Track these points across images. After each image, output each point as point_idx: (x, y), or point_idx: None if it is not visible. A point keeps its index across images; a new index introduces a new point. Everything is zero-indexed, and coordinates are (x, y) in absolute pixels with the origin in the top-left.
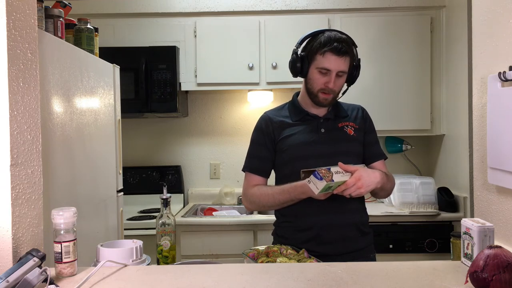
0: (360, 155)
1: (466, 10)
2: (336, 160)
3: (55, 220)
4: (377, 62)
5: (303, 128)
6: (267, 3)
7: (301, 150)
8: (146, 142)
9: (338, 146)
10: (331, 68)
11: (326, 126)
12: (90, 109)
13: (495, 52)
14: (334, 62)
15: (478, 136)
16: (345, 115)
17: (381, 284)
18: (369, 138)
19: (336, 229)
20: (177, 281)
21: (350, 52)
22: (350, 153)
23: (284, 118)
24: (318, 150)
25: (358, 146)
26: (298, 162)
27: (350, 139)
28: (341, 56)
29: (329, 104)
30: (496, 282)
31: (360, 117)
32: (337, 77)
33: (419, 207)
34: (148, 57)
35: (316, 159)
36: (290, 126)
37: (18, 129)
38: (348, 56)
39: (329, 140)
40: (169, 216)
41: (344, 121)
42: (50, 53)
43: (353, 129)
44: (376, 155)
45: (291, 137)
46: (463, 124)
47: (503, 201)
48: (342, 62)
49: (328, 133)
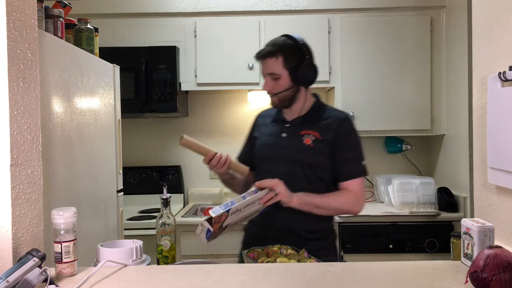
0: (314, 166)
1: (466, 10)
2: (286, 167)
3: (55, 220)
4: (377, 62)
5: (271, 130)
6: (267, 3)
7: (261, 151)
8: (146, 142)
9: (290, 154)
10: (263, 71)
11: (289, 131)
12: (90, 109)
13: (495, 52)
14: (263, 66)
15: (478, 136)
16: (314, 123)
17: (381, 284)
18: (339, 157)
19: (272, 230)
20: (177, 281)
21: (278, 53)
22: (299, 162)
23: (267, 118)
24: (274, 154)
25: (312, 157)
26: (258, 162)
27: (303, 149)
28: (265, 59)
29: (280, 107)
30: (496, 282)
31: (332, 130)
32: (272, 80)
33: (419, 207)
34: (148, 57)
35: (270, 162)
36: (266, 126)
37: (18, 129)
38: (273, 57)
39: (286, 145)
40: (169, 216)
41: (308, 129)
42: (50, 53)
43: (313, 139)
44: (345, 176)
45: (261, 138)
46: (463, 124)
47: (503, 201)
48: (267, 65)
49: (287, 139)
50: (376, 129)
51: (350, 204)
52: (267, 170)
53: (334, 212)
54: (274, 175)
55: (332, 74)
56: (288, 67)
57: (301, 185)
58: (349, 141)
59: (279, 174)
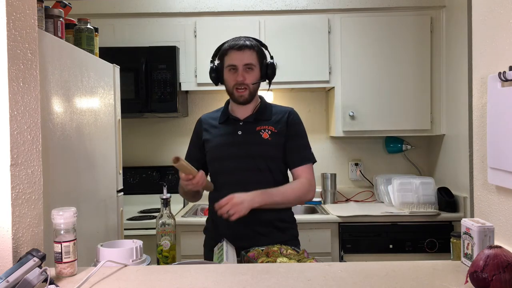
0: (275, 158)
1: (466, 10)
2: (248, 162)
3: (55, 220)
4: (377, 62)
5: (224, 130)
6: (267, 3)
7: (218, 151)
8: (146, 142)
9: (251, 149)
10: (236, 63)
11: (244, 129)
12: (90, 109)
13: (495, 52)
14: (237, 57)
15: (478, 136)
16: (267, 118)
17: (381, 284)
18: (291, 144)
19: (250, 225)
20: (177, 281)
21: (254, 47)
22: (262, 156)
23: (213, 121)
24: (233, 152)
25: (272, 149)
26: (216, 163)
27: (263, 143)
28: (242, 50)
29: (247, 101)
30: (496, 282)
31: (284, 122)
32: (246, 71)
33: (419, 207)
34: (148, 57)
35: (230, 160)
36: (215, 127)
37: (18, 129)
38: (251, 50)
39: (244, 142)
40: (169, 216)
41: (263, 125)
42: (50, 53)
43: (270, 133)
44: (298, 161)
45: (213, 139)
46: (463, 124)
47: (503, 201)
48: (245, 56)
49: (244, 136)
50: (376, 129)
51: (305, 192)
52: (228, 169)
53: (291, 203)
54: (235, 173)
55: (332, 74)
56: (259, 61)
57: (265, 178)
58: (298, 130)
59: (242, 171)
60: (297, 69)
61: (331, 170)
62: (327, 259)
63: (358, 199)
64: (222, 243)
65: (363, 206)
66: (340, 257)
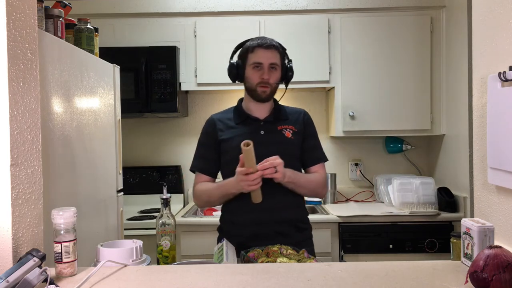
0: (296, 157)
1: (466, 10)
2: None
3: (55, 220)
4: (377, 62)
5: (244, 130)
6: (267, 3)
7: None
8: (146, 142)
9: (275, 148)
10: (262, 61)
11: (265, 128)
12: (90, 109)
13: (495, 52)
14: (263, 55)
15: (478, 136)
16: (286, 118)
17: (381, 284)
18: (308, 143)
19: (271, 225)
20: (177, 281)
21: (278, 47)
22: (285, 155)
23: (228, 121)
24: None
25: (294, 148)
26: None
27: (287, 142)
28: (269, 49)
29: (268, 98)
30: (496, 282)
31: (301, 122)
32: (270, 70)
33: (419, 207)
34: (148, 57)
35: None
36: (232, 128)
37: (18, 129)
38: (276, 50)
39: (267, 142)
40: (169, 216)
41: (284, 124)
42: (50, 53)
43: (292, 132)
44: (314, 160)
45: (233, 139)
46: (463, 124)
47: (503, 201)
48: (271, 55)
49: (267, 135)
50: (376, 129)
51: (322, 186)
52: None
53: (309, 193)
54: None
55: (332, 74)
56: (281, 62)
57: None
58: (313, 130)
59: None
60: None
61: (331, 170)
62: (327, 259)
63: (358, 199)
64: (222, 243)
65: (363, 206)
66: (340, 257)
